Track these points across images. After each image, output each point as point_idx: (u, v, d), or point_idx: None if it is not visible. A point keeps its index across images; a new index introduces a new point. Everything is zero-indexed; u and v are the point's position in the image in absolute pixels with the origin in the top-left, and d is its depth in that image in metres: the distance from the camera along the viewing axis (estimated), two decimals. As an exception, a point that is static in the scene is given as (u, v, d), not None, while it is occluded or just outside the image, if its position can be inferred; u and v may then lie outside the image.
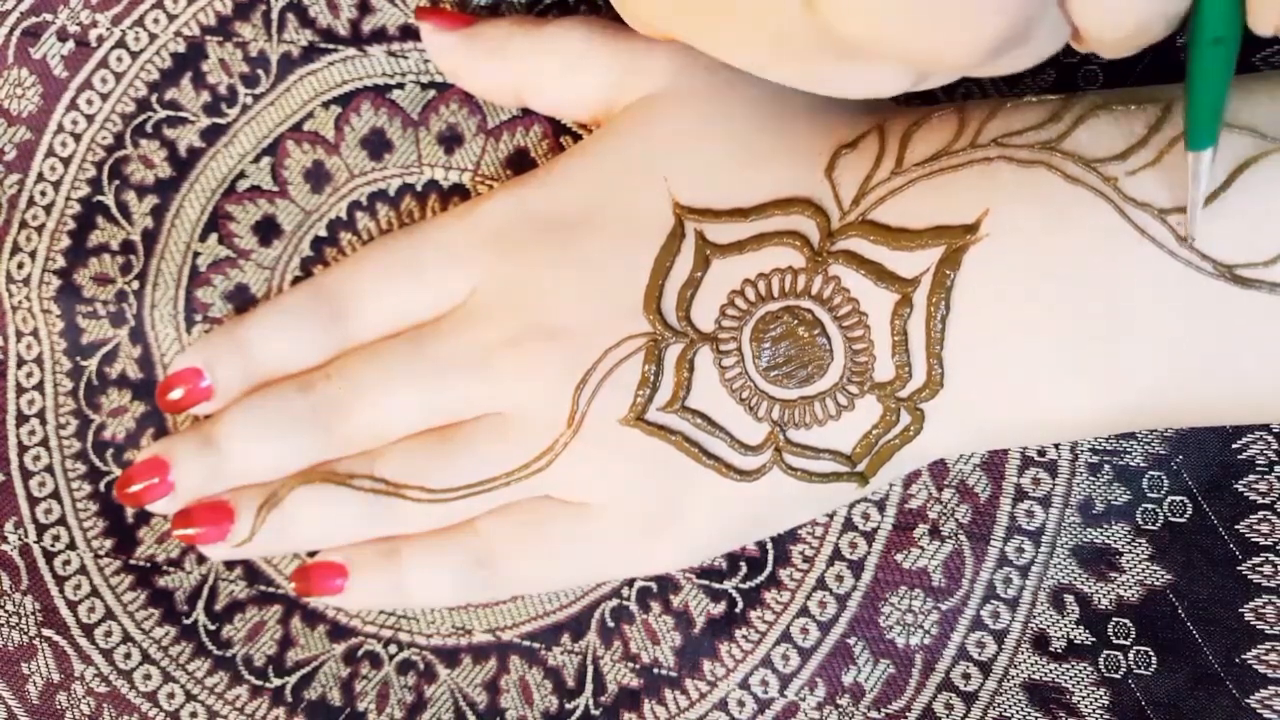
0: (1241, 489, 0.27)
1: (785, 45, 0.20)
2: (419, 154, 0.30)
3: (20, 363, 0.32)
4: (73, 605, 0.31)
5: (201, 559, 0.31)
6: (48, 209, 0.32)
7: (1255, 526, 0.27)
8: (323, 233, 0.31)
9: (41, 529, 0.31)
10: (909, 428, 0.25)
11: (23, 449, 0.32)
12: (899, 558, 0.28)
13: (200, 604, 0.31)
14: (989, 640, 0.28)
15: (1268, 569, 0.27)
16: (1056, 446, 0.28)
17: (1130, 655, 0.27)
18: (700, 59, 0.27)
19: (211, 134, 0.31)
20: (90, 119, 0.31)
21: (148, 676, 0.31)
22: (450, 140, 0.30)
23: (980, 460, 0.28)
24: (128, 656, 0.31)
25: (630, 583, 0.30)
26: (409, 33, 0.30)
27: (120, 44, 0.31)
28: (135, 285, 0.31)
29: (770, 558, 0.29)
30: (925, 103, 0.28)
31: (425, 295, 0.28)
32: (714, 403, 0.25)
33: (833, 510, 0.29)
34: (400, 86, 0.30)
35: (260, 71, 0.31)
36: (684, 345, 0.25)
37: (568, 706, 0.30)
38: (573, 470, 0.27)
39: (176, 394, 0.29)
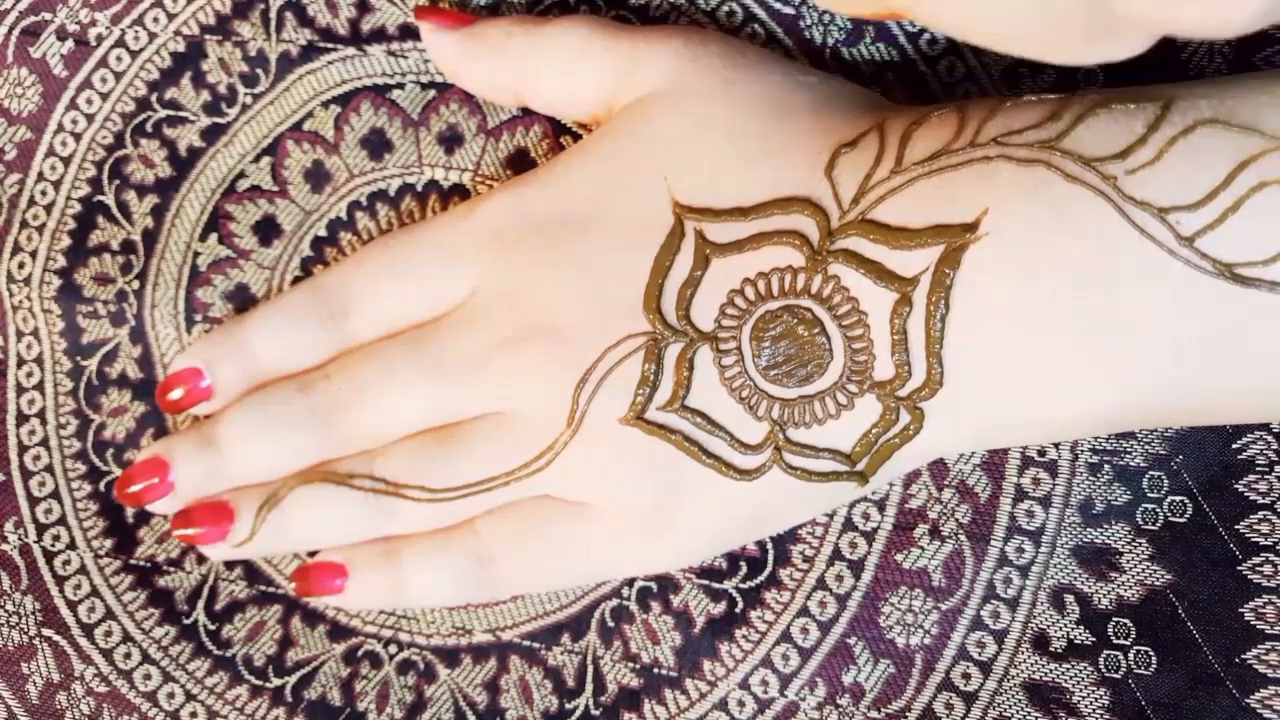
0: (1241, 489, 0.27)
1: (1043, 10, 0.19)
2: (419, 154, 0.30)
3: (20, 362, 0.32)
4: (73, 605, 0.31)
5: (201, 559, 0.31)
6: (48, 208, 0.32)
7: (1255, 526, 0.27)
8: (323, 233, 0.31)
9: (41, 529, 0.31)
10: (908, 426, 0.25)
11: (23, 449, 0.32)
12: (899, 558, 0.28)
13: (200, 604, 0.31)
14: (989, 640, 0.28)
15: (1268, 569, 0.27)
16: (1056, 446, 0.28)
17: (1130, 655, 0.27)
18: (700, 59, 0.27)
19: (211, 133, 0.31)
20: (90, 118, 0.31)
21: (148, 676, 0.31)
22: (450, 140, 0.30)
23: (980, 460, 0.28)
24: (128, 656, 0.31)
25: (630, 583, 0.29)
26: (408, 32, 0.30)
27: (120, 43, 0.31)
28: (135, 285, 0.31)
29: (770, 557, 0.29)
30: (925, 102, 0.28)
31: (425, 295, 0.28)
32: (714, 402, 0.25)
33: (833, 510, 0.29)
34: (400, 86, 0.30)
35: (260, 71, 0.31)
36: (684, 344, 0.25)
37: (568, 706, 0.30)
38: (573, 470, 0.27)
39: (176, 394, 0.29)
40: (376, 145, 0.30)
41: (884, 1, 0.21)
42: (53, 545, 0.31)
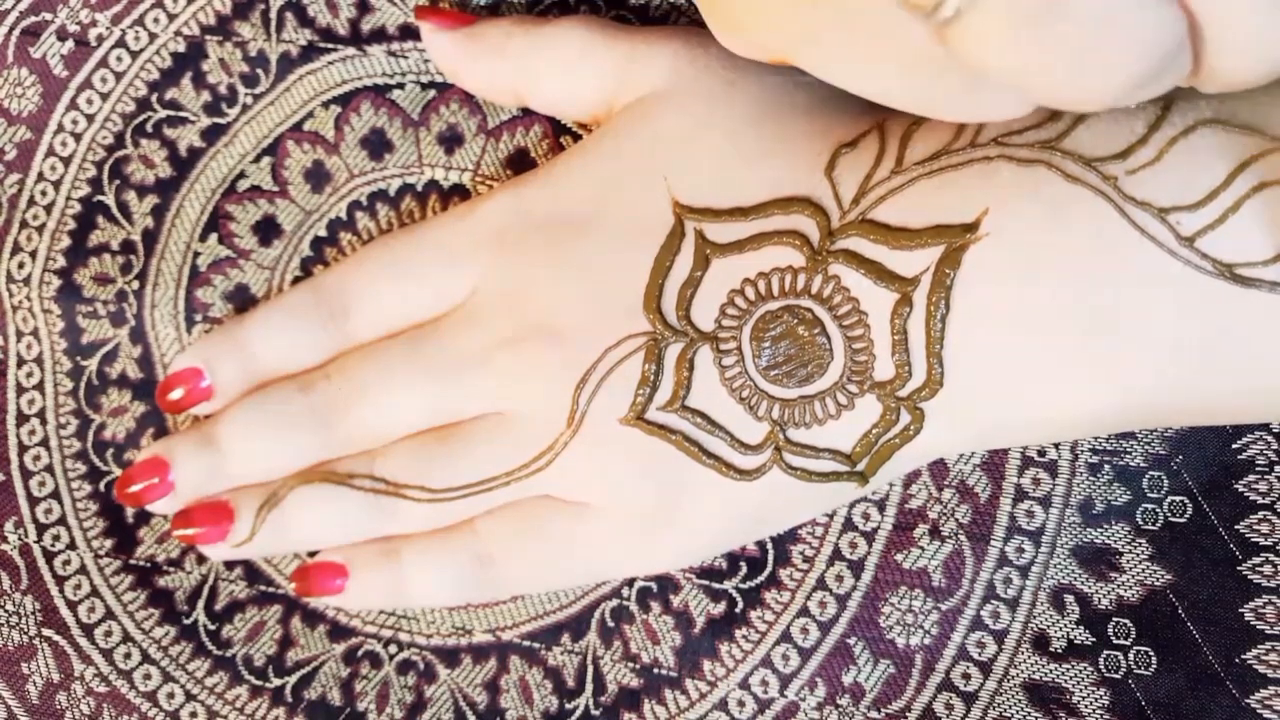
0: (1241, 489, 0.27)
1: (910, 73, 0.19)
2: (419, 154, 0.30)
3: (20, 362, 0.32)
4: (73, 605, 0.31)
5: (201, 559, 0.31)
6: (48, 208, 0.32)
7: (1255, 526, 0.27)
8: (323, 233, 0.31)
9: (41, 529, 0.31)
10: (909, 427, 0.25)
11: (23, 449, 0.32)
12: (899, 558, 0.28)
13: (200, 604, 0.31)
14: (989, 640, 0.28)
15: (1268, 569, 0.27)
16: (1056, 446, 0.28)
17: (1130, 655, 0.27)
18: (700, 59, 0.27)
19: (212, 134, 0.31)
20: (90, 118, 0.31)
21: (148, 676, 0.31)
22: (450, 140, 0.30)
23: (980, 460, 0.28)
24: (128, 656, 0.31)
25: (630, 583, 0.29)
26: (409, 32, 0.30)
27: (120, 43, 0.31)
28: (135, 285, 0.31)
29: (770, 558, 0.29)
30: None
31: (425, 295, 0.28)
32: (714, 402, 0.25)
33: (833, 510, 0.29)
34: (400, 86, 0.30)
35: (260, 71, 0.31)
36: (684, 344, 0.25)
37: (568, 706, 0.30)
38: (573, 470, 0.27)
39: (176, 394, 0.29)
40: (376, 145, 0.30)
41: (771, 51, 0.21)
42: (53, 545, 0.31)
